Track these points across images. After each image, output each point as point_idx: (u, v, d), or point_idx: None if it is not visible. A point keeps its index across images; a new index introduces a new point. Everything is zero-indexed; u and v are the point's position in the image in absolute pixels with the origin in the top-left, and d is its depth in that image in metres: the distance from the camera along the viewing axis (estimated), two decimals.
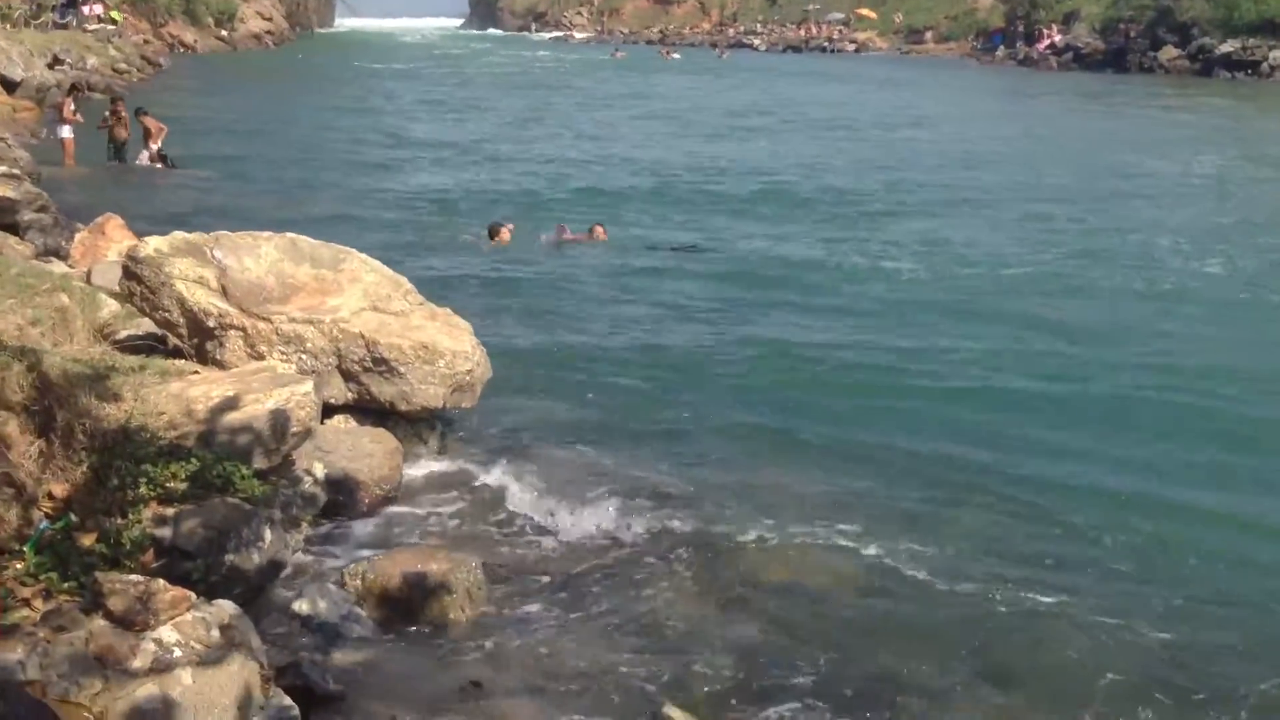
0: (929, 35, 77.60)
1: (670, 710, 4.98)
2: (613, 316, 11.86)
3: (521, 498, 7.22)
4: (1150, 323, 11.87)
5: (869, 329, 11.49)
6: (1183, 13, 55.78)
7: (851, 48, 79.33)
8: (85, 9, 50.19)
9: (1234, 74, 50.21)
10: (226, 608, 4.53)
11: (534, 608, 5.91)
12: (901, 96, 42.01)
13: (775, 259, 14.76)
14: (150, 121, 21.00)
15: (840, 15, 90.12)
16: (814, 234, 16.50)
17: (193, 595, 4.48)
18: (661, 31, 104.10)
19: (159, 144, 20.85)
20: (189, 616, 4.35)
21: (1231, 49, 51.54)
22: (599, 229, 15.60)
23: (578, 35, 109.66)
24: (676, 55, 75.44)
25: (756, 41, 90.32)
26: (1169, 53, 55.02)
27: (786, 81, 50.62)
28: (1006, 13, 71.15)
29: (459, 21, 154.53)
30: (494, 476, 7.53)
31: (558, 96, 41.53)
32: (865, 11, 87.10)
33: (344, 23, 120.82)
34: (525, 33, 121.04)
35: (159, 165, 20.76)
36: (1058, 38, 63.92)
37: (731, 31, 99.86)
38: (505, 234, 15.18)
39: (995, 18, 73.07)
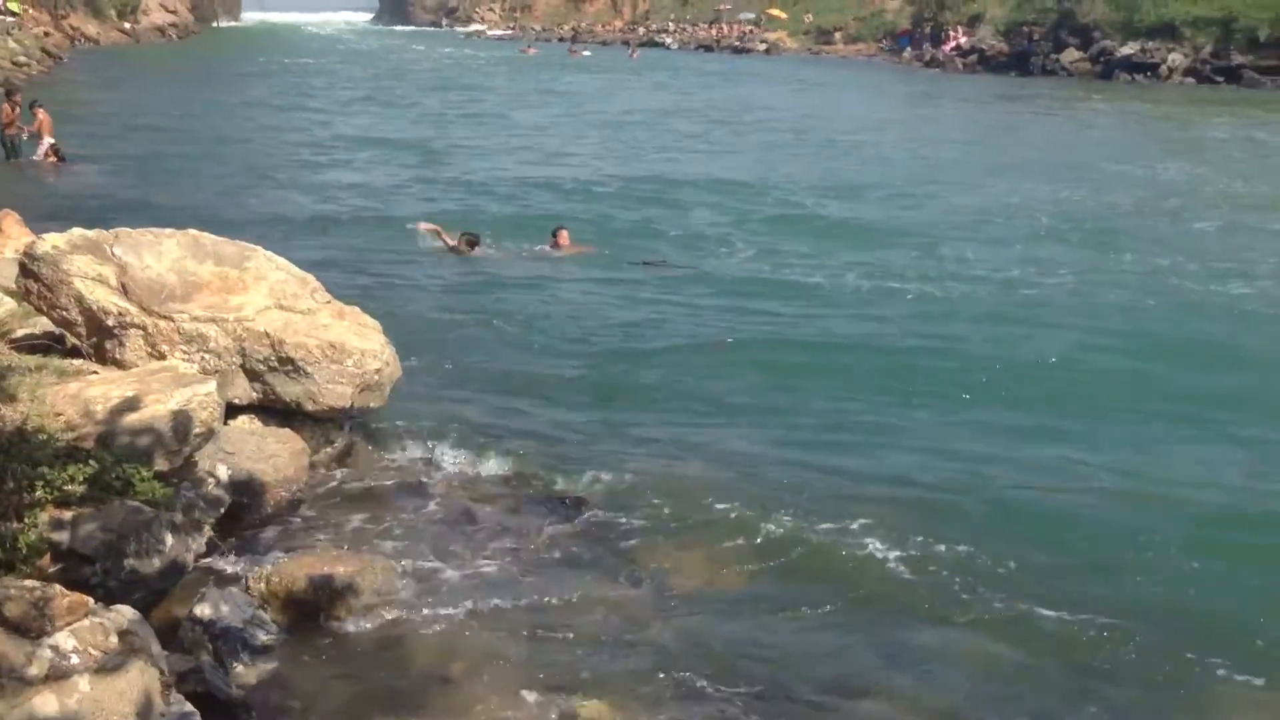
0: (838, 36, 78.37)
1: (584, 707, 4.98)
2: (541, 320, 11.74)
3: (430, 497, 7.18)
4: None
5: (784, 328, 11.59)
6: (1084, 15, 56.97)
7: (762, 47, 79.79)
8: None
9: (1134, 76, 51.35)
10: (126, 613, 4.44)
11: (443, 608, 5.87)
12: (821, 98, 42.08)
13: (719, 266, 14.60)
14: (43, 114, 20.50)
15: (751, 15, 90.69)
16: (759, 241, 16.15)
17: (91, 601, 4.38)
18: (574, 29, 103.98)
19: (51, 137, 20.38)
20: (87, 622, 4.25)
21: (1131, 51, 52.73)
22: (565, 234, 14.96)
23: (491, 32, 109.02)
24: (587, 53, 75.30)
25: (668, 40, 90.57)
26: (1071, 55, 56.13)
27: (701, 82, 50.60)
28: (913, 15, 72.13)
29: (369, 16, 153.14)
30: (402, 476, 7.49)
31: (470, 95, 41.01)
32: (776, 12, 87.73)
33: (250, 15, 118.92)
34: (437, 27, 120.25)
35: (53, 159, 20.28)
36: (963, 40, 64.92)
37: (642, 30, 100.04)
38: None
39: (902, 19, 74.03)
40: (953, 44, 64.83)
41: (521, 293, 12.80)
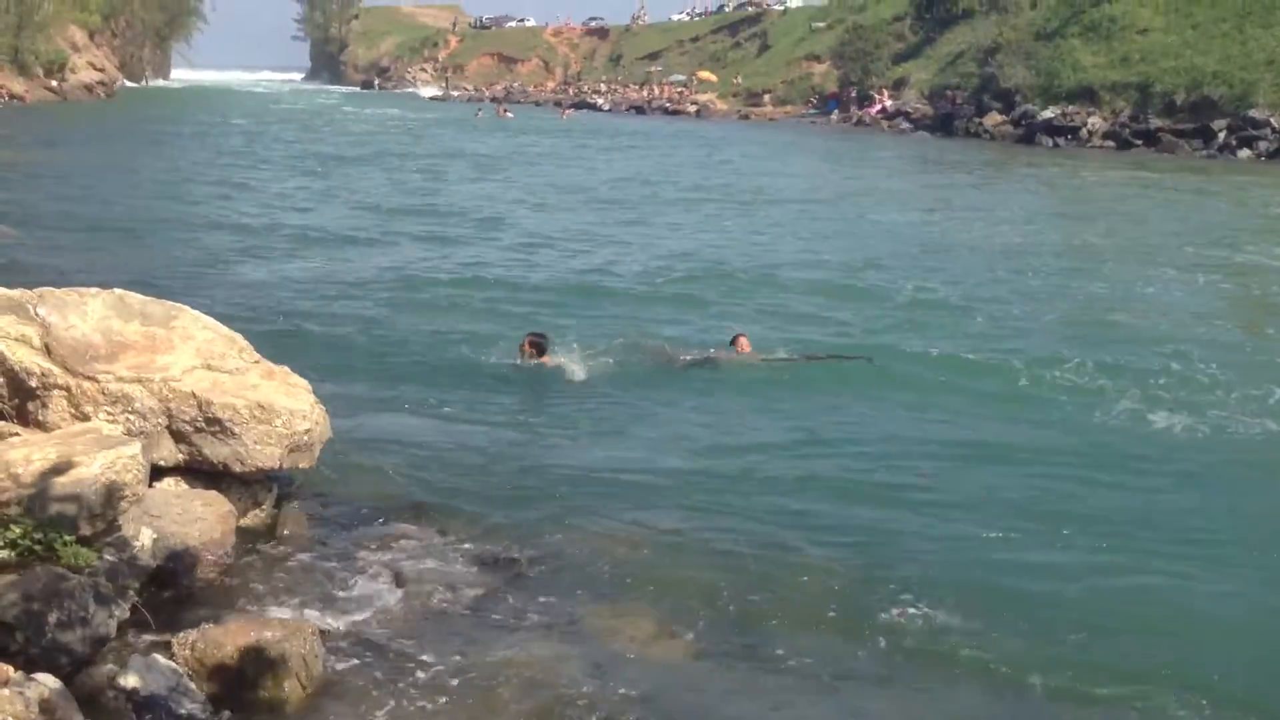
0: (767, 98, 79.67)
1: None
2: (471, 376, 11.76)
3: (360, 560, 7.08)
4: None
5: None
6: (1006, 80, 58.46)
7: (693, 109, 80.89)
8: None
9: (1055, 140, 52.67)
10: (47, 682, 4.34)
11: (374, 673, 5.79)
12: (772, 165, 41.89)
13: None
14: None
15: (682, 77, 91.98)
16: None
17: (11, 670, 4.28)
18: (506, 89, 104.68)
19: None
20: (6, 692, 4.16)
21: (1053, 115, 54.13)
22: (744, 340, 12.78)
23: (453, 93, 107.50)
24: (509, 115, 74.77)
25: (600, 101, 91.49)
26: (994, 119, 57.54)
27: (636, 144, 50.78)
28: (840, 78, 73.54)
29: (300, 75, 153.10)
30: (331, 538, 7.39)
31: (406, 159, 39.86)
32: (706, 74, 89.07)
33: (180, 74, 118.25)
34: (369, 88, 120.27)
35: None
36: (889, 103, 66.32)
37: (573, 91, 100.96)
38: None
39: (830, 83, 75.44)
40: (878, 107, 66.19)
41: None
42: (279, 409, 7.39)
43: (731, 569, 7.21)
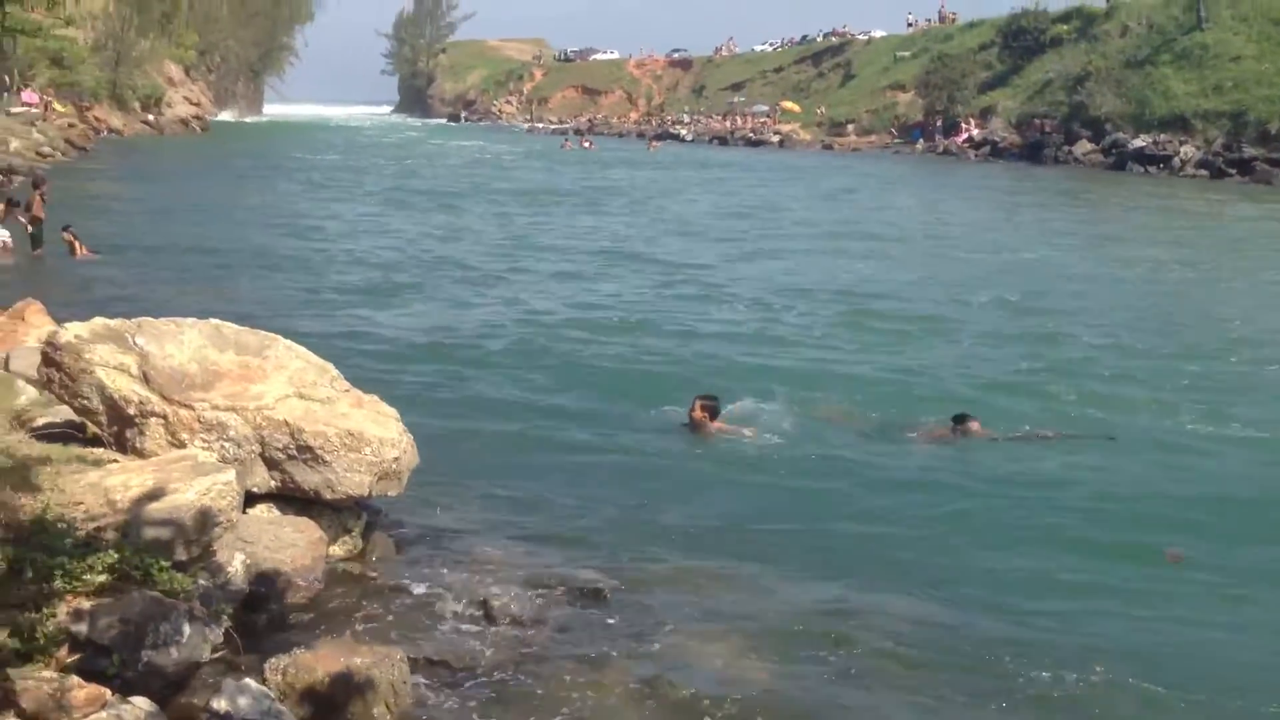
0: (851, 128, 79.38)
1: None
2: (559, 412, 11.71)
3: (448, 587, 7.12)
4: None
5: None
6: (1096, 108, 57.71)
7: (776, 139, 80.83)
8: (24, 95, 50.09)
9: (1146, 168, 51.82)
10: (142, 705, 4.41)
11: (460, 702, 5.81)
12: (878, 197, 40.57)
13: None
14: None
15: (765, 107, 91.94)
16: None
17: (108, 693, 4.36)
18: (590, 121, 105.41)
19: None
20: (104, 714, 4.23)
21: (1144, 144, 53.31)
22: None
23: (540, 125, 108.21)
24: (588, 145, 74.91)
25: (683, 132, 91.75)
26: (1084, 147, 56.84)
27: (729, 176, 50.08)
28: (925, 107, 73.07)
29: (388, 108, 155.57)
30: (419, 565, 7.44)
31: (501, 193, 39.12)
32: (789, 105, 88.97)
33: (272, 109, 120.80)
34: (455, 121, 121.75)
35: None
36: (975, 131, 65.74)
37: (655, 122, 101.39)
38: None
39: (914, 112, 75.00)
40: (965, 135, 65.61)
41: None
42: (368, 437, 7.47)
43: (826, 611, 7.15)
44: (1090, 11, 67.63)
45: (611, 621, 6.77)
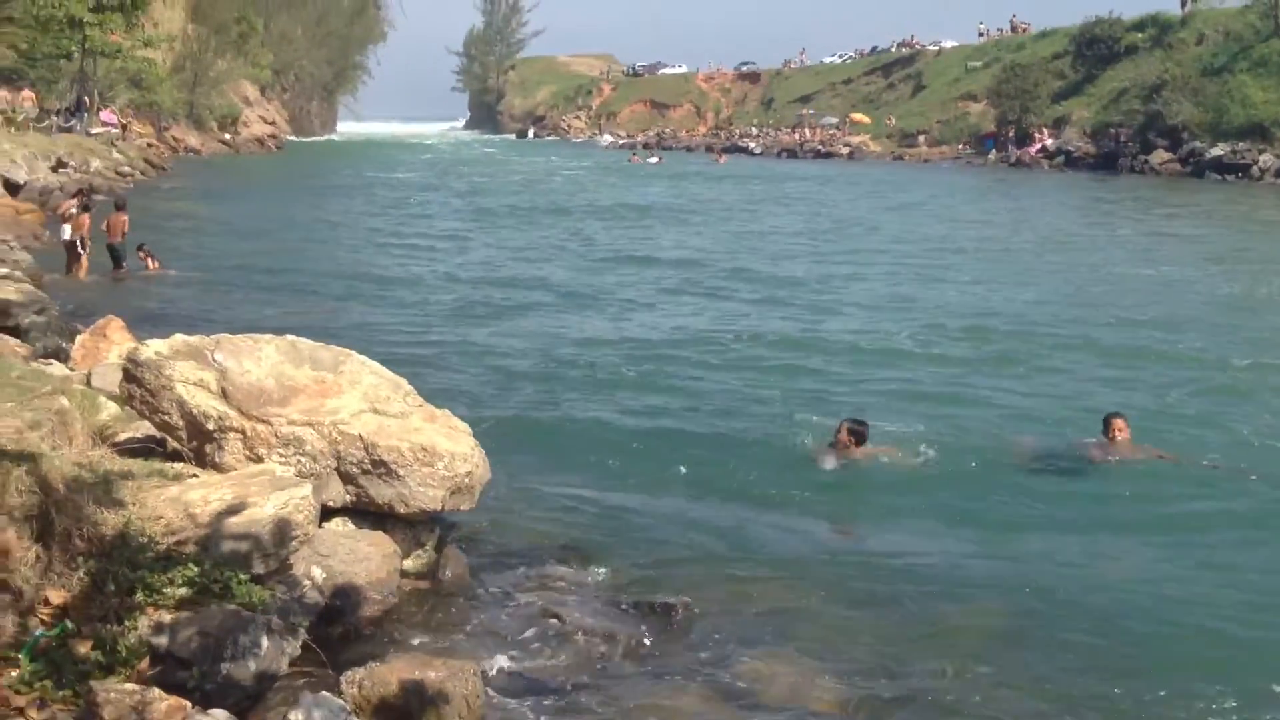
0: (922, 139, 78.75)
1: None
2: (631, 430, 11.56)
3: (519, 601, 7.16)
4: None
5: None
6: (1172, 116, 56.82)
7: (845, 151, 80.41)
8: (103, 115, 51.27)
9: (1224, 176, 50.93)
10: (221, 718, 4.47)
11: (533, 715, 5.82)
12: (963, 209, 39.53)
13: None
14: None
15: (834, 119, 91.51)
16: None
17: (188, 705, 4.43)
18: (658, 134, 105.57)
19: (79, 236, 20.67)
20: None
21: (1222, 152, 52.40)
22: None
23: (614, 139, 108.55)
24: (653, 160, 74.68)
25: (752, 145, 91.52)
26: (1160, 156, 55.97)
27: (805, 190, 49.29)
28: (997, 117, 72.34)
29: (459, 124, 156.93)
30: (491, 580, 7.49)
31: (583, 209, 38.20)
32: (859, 116, 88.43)
33: (345, 127, 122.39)
34: (522, 137, 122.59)
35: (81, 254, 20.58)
36: (1049, 141, 64.96)
37: (724, 135, 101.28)
38: None
39: (986, 122, 74.25)
40: (1038, 145, 64.85)
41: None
42: (441, 452, 7.52)
43: (897, 629, 7.09)
44: (1165, 19, 66.61)
45: (684, 638, 6.77)
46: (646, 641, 6.70)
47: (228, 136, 76.54)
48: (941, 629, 7.11)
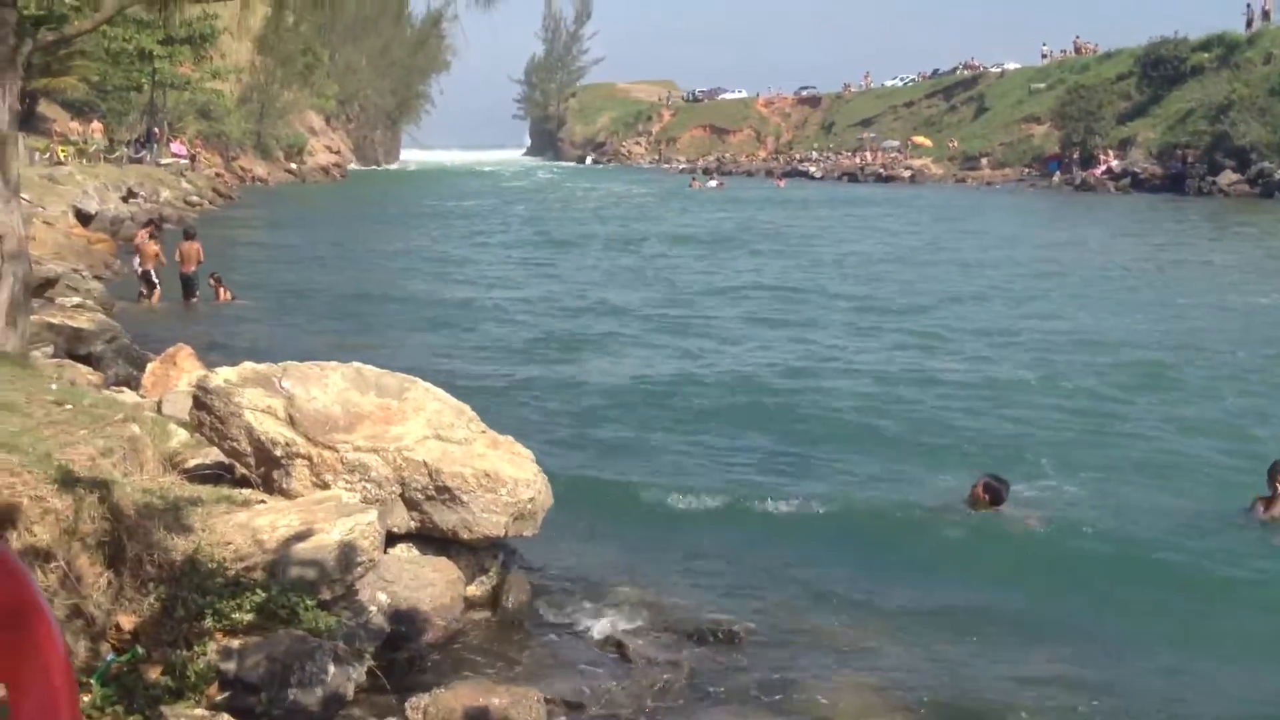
0: (984, 162, 78.23)
1: None
2: (695, 463, 11.38)
3: (582, 628, 7.16)
4: None
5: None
6: (1240, 137, 56.00)
7: (907, 174, 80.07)
8: (173, 146, 52.33)
9: None
10: None
11: None
12: (1045, 233, 37.87)
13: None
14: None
15: (895, 142, 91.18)
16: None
17: None
18: (718, 159, 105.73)
19: (151, 266, 20.97)
20: None
21: None
22: None
23: (671, 165, 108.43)
24: (712, 184, 74.58)
25: (812, 169, 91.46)
26: (1228, 177, 55.17)
27: (871, 214, 48.49)
28: (1061, 138, 71.70)
29: (520, 152, 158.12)
30: (554, 606, 7.49)
31: (651, 236, 37.25)
32: (921, 139, 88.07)
33: (408, 155, 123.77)
34: (580, 163, 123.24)
35: (146, 285, 20.94)
36: (1114, 163, 64.24)
37: (784, 159, 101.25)
38: None
39: (1050, 144, 73.62)
40: (1104, 167, 64.14)
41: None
42: (504, 477, 7.55)
43: (969, 673, 6.99)
44: (1232, 39, 65.70)
45: (746, 668, 6.72)
46: (709, 669, 6.66)
47: (294, 166, 77.77)
48: (1021, 678, 6.85)
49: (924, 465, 11.13)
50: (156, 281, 20.78)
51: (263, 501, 6.81)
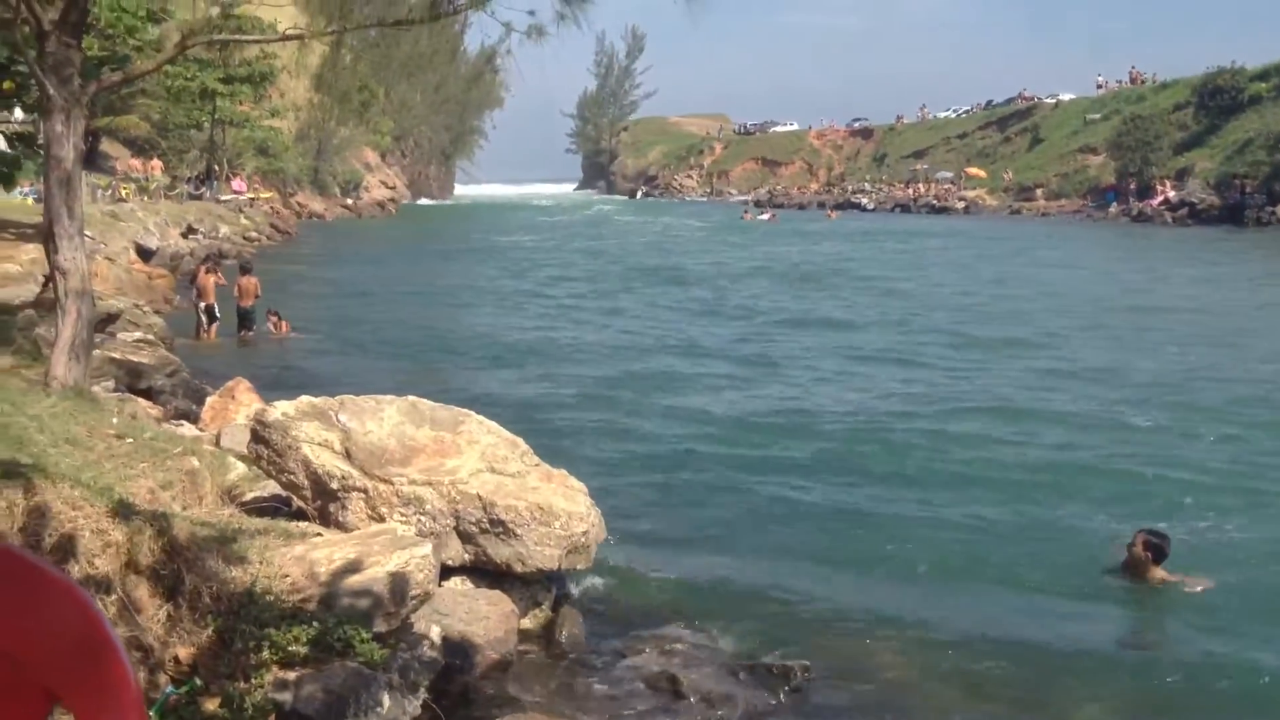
0: (1039, 193, 77.66)
1: None
2: (768, 501, 11.12)
3: (636, 664, 7.13)
4: None
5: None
6: None
7: (960, 205, 79.66)
8: (233, 183, 53.22)
9: None
10: None
11: None
12: (1115, 266, 36.79)
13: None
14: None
15: (949, 174, 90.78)
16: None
17: None
18: (770, 192, 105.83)
19: (212, 301, 21.11)
20: None
21: None
22: None
23: (735, 197, 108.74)
24: (764, 216, 74.78)
25: (865, 201, 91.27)
26: None
27: (930, 246, 47.43)
28: (1118, 169, 71.06)
29: (572, 186, 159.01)
30: (607, 641, 7.48)
31: (707, 271, 36.67)
32: (974, 170, 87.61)
33: (462, 190, 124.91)
34: (631, 197, 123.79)
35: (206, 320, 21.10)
36: (1172, 194, 63.56)
37: (836, 191, 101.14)
38: None
39: (1106, 174, 73.00)
40: (1161, 198, 63.48)
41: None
42: (558, 511, 7.57)
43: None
44: None
45: (802, 704, 6.67)
46: (763, 705, 6.62)
47: (350, 201, 78.68)
48: None
49: (1044, 506, 10.60)
50: (218, 316, 21.03)
51: (319, 534, 6.86)
